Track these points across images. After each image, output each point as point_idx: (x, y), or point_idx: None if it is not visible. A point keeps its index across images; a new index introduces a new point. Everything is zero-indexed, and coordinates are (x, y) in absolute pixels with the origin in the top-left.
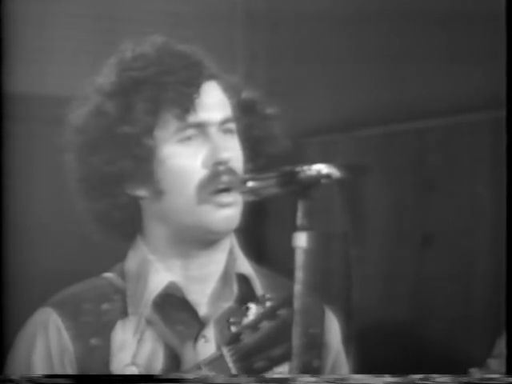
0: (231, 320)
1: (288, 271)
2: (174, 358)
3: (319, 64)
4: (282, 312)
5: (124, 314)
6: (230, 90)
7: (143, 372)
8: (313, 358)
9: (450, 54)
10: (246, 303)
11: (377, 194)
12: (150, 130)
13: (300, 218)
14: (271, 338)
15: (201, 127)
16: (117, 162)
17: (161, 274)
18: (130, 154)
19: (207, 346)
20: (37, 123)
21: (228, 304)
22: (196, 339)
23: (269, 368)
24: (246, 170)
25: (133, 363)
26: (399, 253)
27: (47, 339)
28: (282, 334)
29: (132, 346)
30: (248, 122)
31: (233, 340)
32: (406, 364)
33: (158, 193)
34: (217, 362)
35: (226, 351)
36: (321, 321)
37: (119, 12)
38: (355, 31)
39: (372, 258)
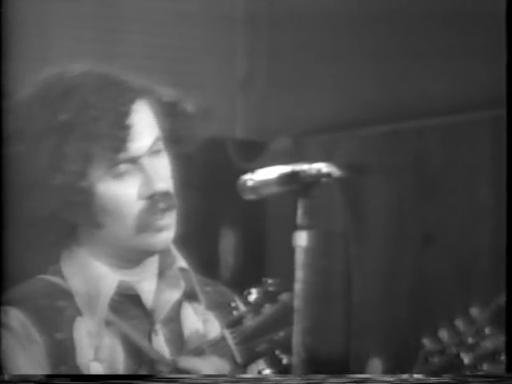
0: (232, 304)
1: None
2: (133, 353)
3: (320, 63)
4: (283, 296)
5: (79, 313)
6: (151, 98)
7: (106, 367)
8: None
9: (450, 53)
10: (191, 296)
11: (377, 193)
12: (82, 175)
13: (300, 217)
14: (273, 321)
15: (132, 160)
16: (52, 207)
17: (109, 276)
18: (65, 200)
19: (157, 339)
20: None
21: (175, 297)
22: (149, 333)
23: (271, 350)
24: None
25: (95, 359)
26: (399, 252)
27: (15, 337)
28: (283, 317)
29: (92, 343)
30: (171, 125)
31: (235, 323)
32: (406, 363)
33: (95, 224)
34: (219, 344)
35: (227, 334)
36: None
37: (120, 11)
38: (356, 30)
39: (372, 256)
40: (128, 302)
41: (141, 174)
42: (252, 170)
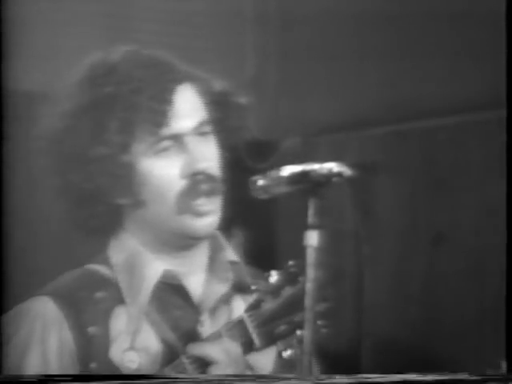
0: (253, 287)
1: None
2: (169, 344)
3: (330, 62)
4: (304, 278)
5: (120, 302)
6: (202, 86)
7: (143, 356)
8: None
9: (456, 53)
10: (241, 289)
11: (388, 193)
12: (125, 148)
13: (311, 217)
14: (293, 303)
15: (176, 138)
16: (95, 179)
17: (154, 264)
18: (107, 172)
19: (204, 331)
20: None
21: (223, 290)
22: (195, 324)
23: (291, 333)
24: (223, 167)
25: (131, 348)
26: (410, 251)
27: (44, 329)
28: (303, 299)
29: (128, 334)
30: (222, 114)
31: (253, 306)
32: (417, 363)
33: (139, 202)
34: (237, 327)
35: (246, 317)
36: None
37: (127, 10)
38: (366, 30)
39: (383, 256)
40: (172, 291)
41: (184, 153)
42: (263, 170)
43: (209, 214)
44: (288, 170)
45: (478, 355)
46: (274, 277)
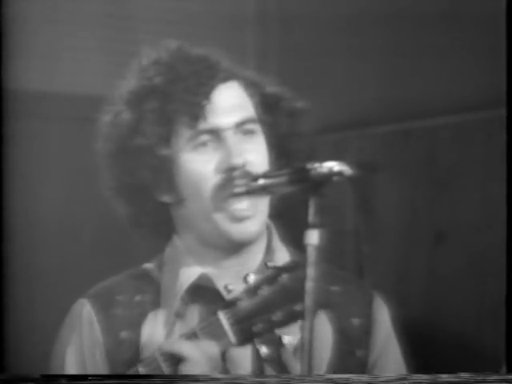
0: (229, 287)
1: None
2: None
3: (331, 62)
4: (283, 277)
5: (156, 305)
6: (252, 88)
7: (171, 360)
8: (355, 348)
9: (459, 52)
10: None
11: (389, 192)
12: (164, 140)
13: (311, 216)
14: (270, 301)
15: (214, 132)
16: (134, 172)
17: (192, 267)
18: (146, 164)
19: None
20: (37, 120)
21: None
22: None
23: (269, 330)
24: (272, 169)
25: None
26: (412, 250)
27: (80, 331)
28: (281, 298)
29: (161, 338)
30: (272, 119)
31: (229, 305)
32: (419, 362)
33: (180, 199)
34: (212, 326)
35: (222, 315)
36: (367, 309)
37: (128, 10)
38: (368, 29)
39: (385, 255)
40: (207, 296)
41: (222, 147)
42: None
43: (247, 220)
44: (289, 169)
45: (479, 354)
46: (251, 277)
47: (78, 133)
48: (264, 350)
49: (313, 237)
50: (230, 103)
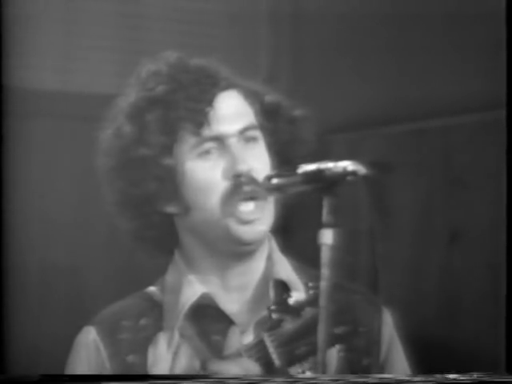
0: (272, 308)
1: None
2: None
3: (344, 60)
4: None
5: (160, 328)
6: (252, 97)
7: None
8: (362, 357)
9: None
10: (281, 309)
11: (404, 191)
12: (167, 149)
13: (325, 215)
14: (314, 324)
15: (218, 140)
16: (139, 184)
17: (194, 286)
18: (151, 175)
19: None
20: (36, 118)
21: (265, 311)
22: (235, 349)
23: (311, 354)
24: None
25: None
26: (427, 249)
27: (88, 358)
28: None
29: (167, 360)
30: (273, 126)
31: (274, 326)
32: (433, 361)
33: (186, 208)
34: (257, 347)
35: (266, 337)
36: (373, 317)
37: (128, 7)
38: (381, 28)
39: (400, 254)
40: (210, 315)
41: (226, 154)
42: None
43: (254, 222)
44: (303, 169)
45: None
46: (293, 297)
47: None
48: (305, 373)
49: (327, 236)
50: (231, 111)
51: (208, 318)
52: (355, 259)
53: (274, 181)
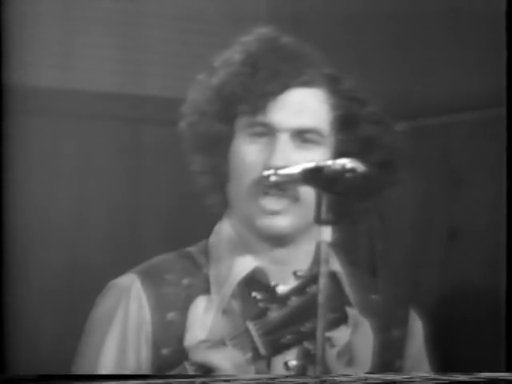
0: (258, 297)
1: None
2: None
3: (344, 60)
4: (312, 288)
5: (206, 291)
6: (336, 99)
7: (216, 351)
8: (395, 358)
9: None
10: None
11: (403, 188)
12: (225, 121)
13: (324, 213)
14: (299, 313)
15: (269, 128)
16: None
17: (247, 258)
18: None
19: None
20: (36, 116)
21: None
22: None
23: (297, 342)
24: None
25: (207, 340)
26: (426, 247)
27: (127, 306)
28: (310, 309)
29: (206, 324)
30: (344, 138)
31: (259, 315)
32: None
33: (224, 176)
34: (242, 337)
35: (251, 326)
36: (404, 321)
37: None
38: (382, 27)
39: (398, 251)
40: (258, 289)
41: (272, 145)
42: (276, 166)
43: (276, 215)
44: (301, 166)
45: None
46: (280, 287)
47: (87, 129)
48: (292, 362)
49: (325, 234)
50: (298, 108)
51: (256, 291)
52: (354, 257)
53: (273, 178)
